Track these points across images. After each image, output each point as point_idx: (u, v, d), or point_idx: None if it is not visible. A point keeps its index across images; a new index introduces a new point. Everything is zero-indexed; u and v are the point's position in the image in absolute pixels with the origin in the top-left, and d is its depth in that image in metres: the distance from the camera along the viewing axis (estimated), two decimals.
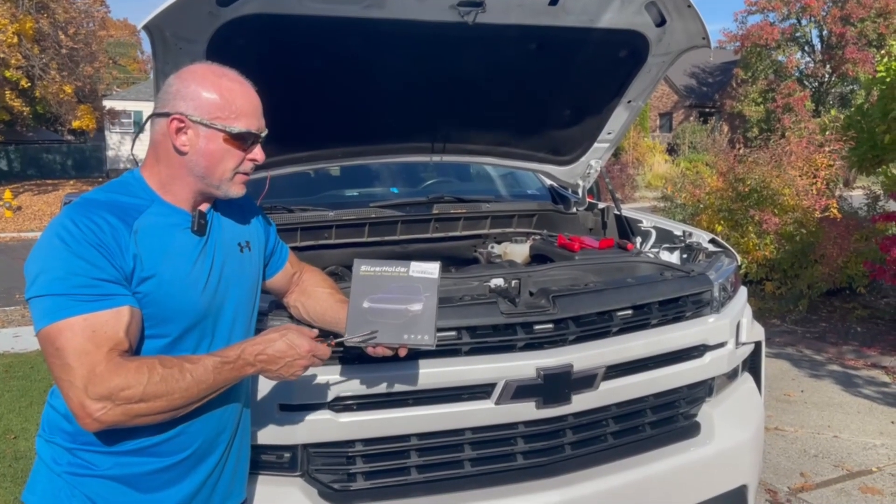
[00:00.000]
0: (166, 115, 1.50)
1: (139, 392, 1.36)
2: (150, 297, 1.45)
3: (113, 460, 1.48)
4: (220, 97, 1.51)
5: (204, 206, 1.61)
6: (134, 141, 1.78)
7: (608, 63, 2.95)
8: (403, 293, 1.67)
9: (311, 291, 1.92)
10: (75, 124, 25.18)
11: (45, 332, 1.36)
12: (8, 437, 4.40)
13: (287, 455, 2.06)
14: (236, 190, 1.59)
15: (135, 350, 1.44)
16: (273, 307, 2.02)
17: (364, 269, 1.71)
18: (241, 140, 1.54)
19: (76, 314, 1.35)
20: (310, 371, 1.64)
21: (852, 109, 10.13)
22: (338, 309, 1.83)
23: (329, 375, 1.98)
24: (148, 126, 1.57)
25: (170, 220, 1.52)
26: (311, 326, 1.92)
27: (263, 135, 1.59)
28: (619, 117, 3.27)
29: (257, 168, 1.66)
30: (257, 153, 1.59)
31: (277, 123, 1.63)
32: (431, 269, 1.71)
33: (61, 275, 1.36)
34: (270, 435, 1.98)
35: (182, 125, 1.49)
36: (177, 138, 1.50)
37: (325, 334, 1.67)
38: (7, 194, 20.83)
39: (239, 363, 1.48)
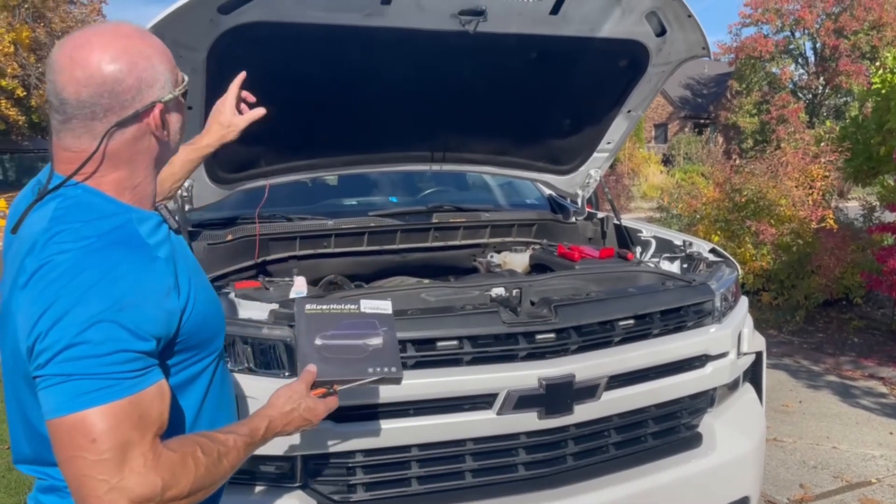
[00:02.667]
0: (136, 115, 1.21)
1: (186, 489, 1.14)
2: (200, 318, 1.27)
3: None
4: (163, 57, 1.27)
5: None
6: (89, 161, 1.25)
7: (608, 72, 2.95)
8: (357, 329, 1.64)
9: None
10: None
11: (77, 420, 1.06)
12: (1, 447, 4.35)
13: (286, 466, 2.03)
14: None
15: (190, 376, 1.30)
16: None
17: (309, 307, 1.66)
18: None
19: (120, 397, 1.08)
20: None
21: (847, 121, 10.21)
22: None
23: None
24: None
25: (158, 227, 1.27)
26: None
27: None
28: (618, 127, 3.27)
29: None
30: None
31: (277, 131, 1.61)
32: (384, 305, 1.71)
33: (99, 351, 1.08)
34: (269, 445, 1.91)
35: (161, 113, 1.26)
36: (160, 131, 1.26)
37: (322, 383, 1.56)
38: (1, 203, 20.68)
39: (260, 441, 1.40)
